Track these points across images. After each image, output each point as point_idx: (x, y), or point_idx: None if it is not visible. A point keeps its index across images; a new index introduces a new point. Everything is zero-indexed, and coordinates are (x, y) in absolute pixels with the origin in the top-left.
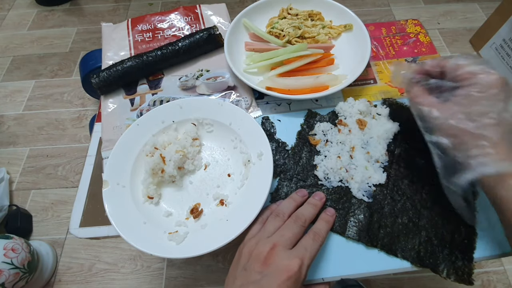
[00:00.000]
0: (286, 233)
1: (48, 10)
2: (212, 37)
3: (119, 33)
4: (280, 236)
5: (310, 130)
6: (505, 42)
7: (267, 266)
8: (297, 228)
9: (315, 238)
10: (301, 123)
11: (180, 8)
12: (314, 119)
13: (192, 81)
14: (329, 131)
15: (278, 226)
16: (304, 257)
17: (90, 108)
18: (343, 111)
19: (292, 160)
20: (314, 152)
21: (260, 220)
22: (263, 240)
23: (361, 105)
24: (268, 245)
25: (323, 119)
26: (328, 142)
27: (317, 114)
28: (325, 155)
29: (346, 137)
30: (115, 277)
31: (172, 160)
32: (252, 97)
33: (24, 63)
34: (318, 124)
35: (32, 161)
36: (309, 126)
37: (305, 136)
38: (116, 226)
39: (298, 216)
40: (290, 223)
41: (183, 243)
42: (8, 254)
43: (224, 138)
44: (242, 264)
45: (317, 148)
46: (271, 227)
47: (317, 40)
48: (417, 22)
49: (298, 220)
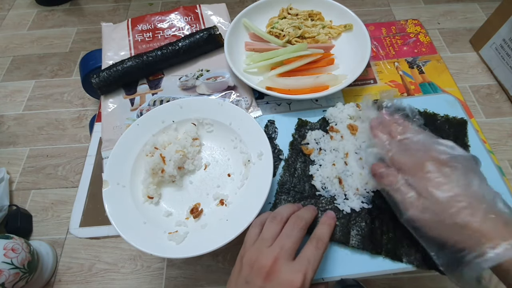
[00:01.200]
0: (287, 243)
1: (48, 10)
2: (212, 37)
3: (119, 33)
4: (280, 248)
5: (302, 140)
6: (505, 42)
7: (269, 282)
8: (297, 233)
9: (318, 246)
10: (292, 133)
11: (180, 8)
12: (305, 127)
13: (192, 81)
14: (321, 138)
15: (276, 231)
16: (307, 270)
17: (90, 108)
18: (333, 117)
19: (287, 172)
20: (309, 162)
21: (258, 222)
22: (264, 251)
23: (350, 109)
24: (269, 258)
25: (314, 127)
26: (322, 150)
27: (308, 122)
28: (320, 164)
29: (339, 144)
30: (115, 277)
31: (172, 160)
32: (252, 97)
33: (24, 63)
34: (310, 133)
35: (32, 161)
36: (301, 136)
37: (297, 146)
38: (116, 226)
39: (297, 217)
40: (289, 228)
41: (183, 243)
42: (8, 254)
43: (224, 138)
44: (243, 276)
45: (311, 158)
46: (269, 233)
47: (317, 40)
48: (417, 22)
49: (298, 222)
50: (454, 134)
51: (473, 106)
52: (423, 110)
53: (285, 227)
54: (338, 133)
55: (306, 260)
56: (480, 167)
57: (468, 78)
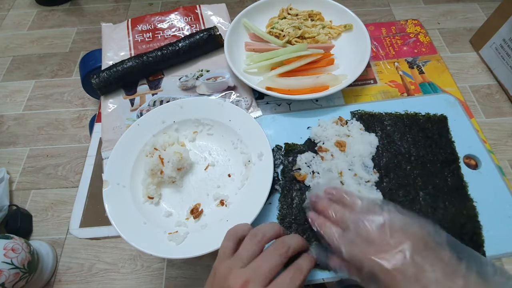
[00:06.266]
0: (263, 265)
1: (48, 10)
2: (212, 37)
3: (119, 33)
4: (254, 270)
5: (293, 166)
6: (505, 42)
7: None
8: (277, 258)
9: (294, 277)
10: (281, 161)
11: (180, 9)
12: (294, 152)
13: (192, 81)
14: (312, 161)
15: (255, 251)
16: None
17: (90, 108)
18: (318, 137)
19: (285, 204)
20: (304, 189)
21: (233, 234)
22: (236, 270)
23: (333, 129)
24: (240, 279)
25: (303, 150)
26: (315, 173)
27: (295, 146)
28: None
29: (331, 163)
30: (115, 277)
31: (170, 161)
32: (252, 97)
33: (24, 63)
34: (300, 157)
35: (32, 161)
36: (291, 162)
37: (289, 173)
38: (116, 226)
39: (282, 242)
40: (269, 251)
41: (183, 243)
42: (8, 254)
43: (225, 139)
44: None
45: (306, 183)
46: (245, 252)
47: (317, 40)
48: (417, 22)
49: (280, 247)
50: (438, 131)
51: (473, 106)
52: (404, 112)
53: (266, 250)
54: (327, 153)
55: None
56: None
57: (468, 78)
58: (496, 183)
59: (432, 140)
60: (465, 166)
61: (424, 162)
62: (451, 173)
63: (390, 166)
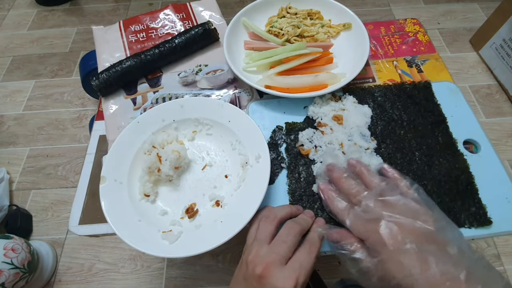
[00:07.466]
0: (282, 249)
1: (48, 10)
2: (207, 32)
3: (112, 34)
4: (276, 253)
5: (296, 143)
6: (505, 42)
7: (261, 285)
8: (292, 238)
9: (311, 250)
10: (284, 139)
11: (170, 6)
12: (294, 129)
13: (192, 76)
14: (313, 136)
15: (271, 230)
16: (299, 275)
17: (90, 108)
18: (315, 114)
19: (293, 179)
20: (309, 163)
21: (258, 219)
22: (259, 253)
23: (329, 105)
24: (263, 263)
25: (303, 127)
26: (317, 147)
27: (295, 124)
28: (320, 161)
29: (331, 136)
30: (115, 277)
31: (168, 160)
32: (254, 90)
33: (24, 63)
34: (301, 134)
35: (32, 161)
36: (293, 140)
37: (293, 150)
38: (111, 223)
39: (294, 222)
40: (284, 233)
41: (176, 242)
42: (8, 254)
43: (224, 139)
44: (243, 272)
45: (310, 157)
46: (262, 233)
47: (316, 39)
48: (416, 21)
49: (294, 227)
50: (424, 97)
51: (473, 106)
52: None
53: (281, 231)
54: (327, 127)
55: (298, 264)
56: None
57: (468, 78)
58: (495, 165)
59: (420, 105)
60: (465, 149)
61: (415, 126)
62: (441, 133)
63: (385, 133)
